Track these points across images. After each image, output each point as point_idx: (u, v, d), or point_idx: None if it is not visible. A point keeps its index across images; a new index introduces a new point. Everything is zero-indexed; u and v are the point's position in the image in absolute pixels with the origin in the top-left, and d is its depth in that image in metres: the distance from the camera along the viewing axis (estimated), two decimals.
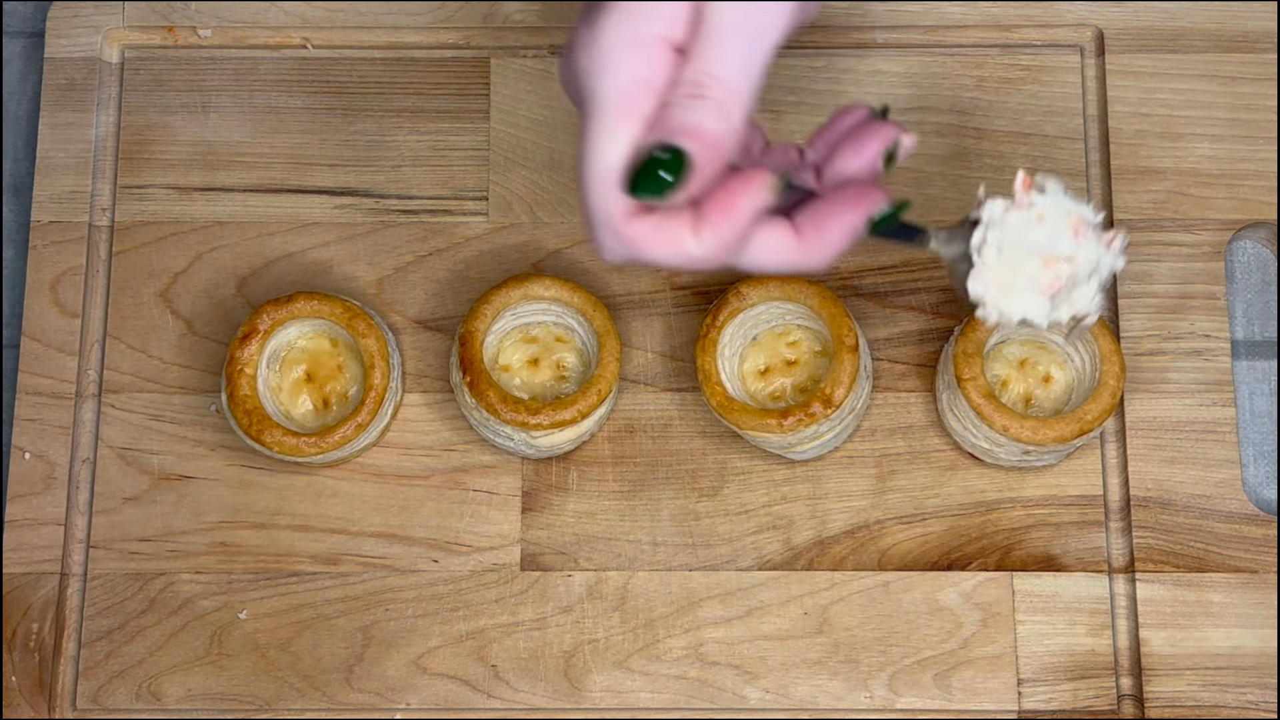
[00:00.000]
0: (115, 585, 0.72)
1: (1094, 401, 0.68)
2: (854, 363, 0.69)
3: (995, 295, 0.59)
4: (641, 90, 0.50)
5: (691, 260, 0.51)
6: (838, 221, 0.53)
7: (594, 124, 0.50)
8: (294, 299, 0.71)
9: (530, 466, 0.73)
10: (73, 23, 0.78)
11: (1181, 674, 0.70)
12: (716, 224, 0.51)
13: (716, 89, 0.51)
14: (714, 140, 0.50)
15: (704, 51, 0.51)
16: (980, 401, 0.68)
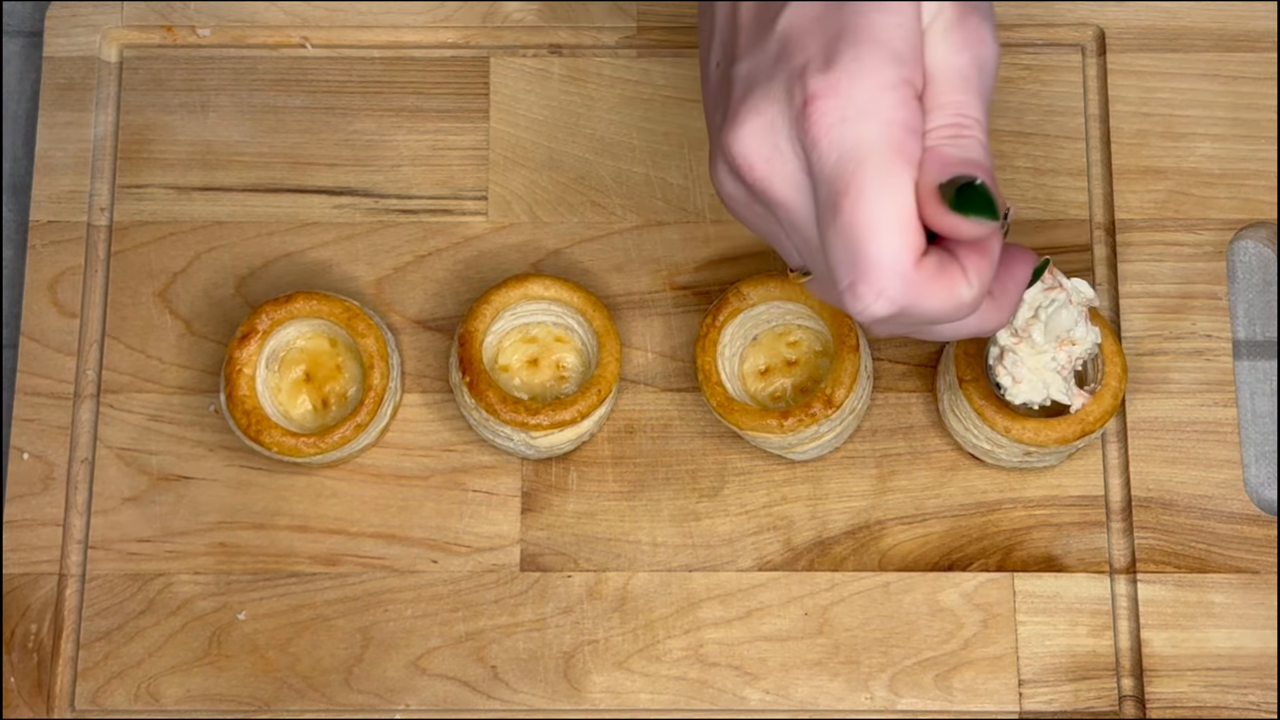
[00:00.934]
0: (114, 586, 0.72)
1: (1096, 402, 0.68)
2: (855, 363, 0.69)
3: (1027, 376, 0.64)
4: (911, 134, 0.50)
5: (961, 306, 0.51)
6: (1017, 279, 0.54)
7: (869, 170, 0.49)
8: (293, 299, 0.71)
9: (530, 467, 0.73)
10: (71, 22, 0.78)
11: (1183, 675, 0.69)
12: (980, 269, 0.51)
13: (976, 129, 0.51)
14: (993, 178, 0.50)
15: (946, 95, 0.51)
16: (982, 403, 0.68)
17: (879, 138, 0.49)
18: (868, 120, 0.49)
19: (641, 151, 0.76)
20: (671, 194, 0.75)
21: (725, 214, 0.75)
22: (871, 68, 0.49)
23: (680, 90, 0.76)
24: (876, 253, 0.49)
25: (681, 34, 0.77)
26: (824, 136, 0.49)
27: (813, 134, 0.50)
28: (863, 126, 0.49)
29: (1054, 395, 0.65)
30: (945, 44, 0.51)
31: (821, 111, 0.49)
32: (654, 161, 0.76)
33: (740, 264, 0.74)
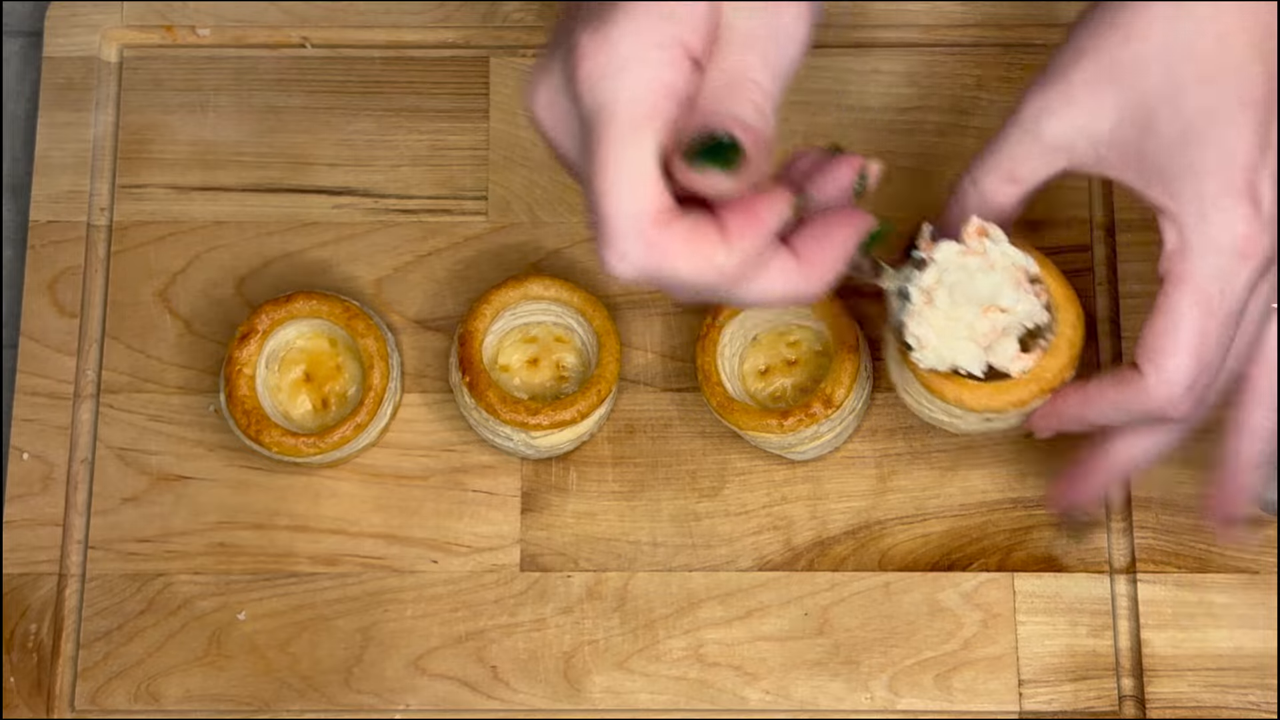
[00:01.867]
0: (114, 586, 0.72)
1: (1052, 357, 0.62)
2: (854, 363, 0.69)
3: (933, 339, 0.60)
4: (666, 94, 0.49)
5: (718, 272, 0.50)
6: (834, 243, 0.52)
7: (614, 128, 0.49)
8: (293, 299, 0.71)
9: (530, 467, 0.73)
10: (71, 22, 0.78)
11: (1183, 675, 0.69)
12: (743, 234, 0.50)
13: (752, 90, 0.50)
14: (757, 137, 0.49)
15: (731, 57, 0.50)
16: (928, 374, 0.63)
17: (630, 95, 0.49)
18: (623, 76, 0.49)
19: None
20: None
21: None
22: (641, 26, 0.49)
23: None
24: (613, 212, 0.49)
25: None
26: (585, 92, 0.49)
27: (576, 89, 0.49)
28: (617, 82, 0.49)
29: (961, 363, 0.61)
30: (742, 10, 0.51)
31: (585, 67, 0.49)
32: None
33: None
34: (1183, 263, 0.56)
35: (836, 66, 0.77)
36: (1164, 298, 0.56)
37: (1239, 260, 0.56)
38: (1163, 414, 0.58)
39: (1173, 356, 0.57)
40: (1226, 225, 0.55)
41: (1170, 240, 0.56)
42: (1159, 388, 0.57)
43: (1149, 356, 0.57)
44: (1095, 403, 0.60)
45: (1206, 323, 0.56)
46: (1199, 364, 0.57)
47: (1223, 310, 0.56)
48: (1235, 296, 0.56)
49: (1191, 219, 0.56)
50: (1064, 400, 0.62)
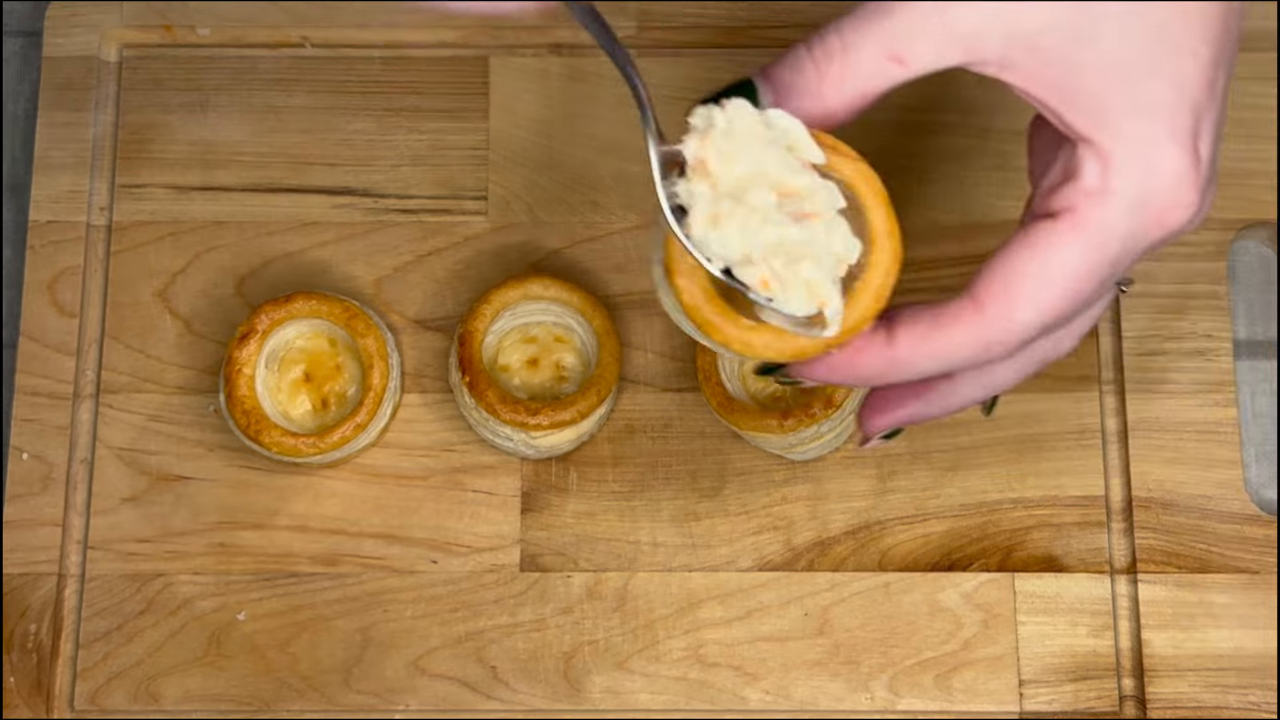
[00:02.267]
0: (113, 586, 0.72)
1: (850, 304, 0.49)
2: None
3: (703, 221, 0.48)
4: None
5: None
6: None
7: None
8: (292, 299, 0.71)
9: (530, 467, 0.73)
10: (70, 22, 0.78)
11: (1183, 675, 0.69)
12: None
13: None
14: None
15: None
16: (691, 303, 0.50)
17: None
18: None
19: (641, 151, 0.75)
20: None
21: None
22: None
23: (680, 90, 0.76)
24: None
25: (681, 34, 0.77)
26: None
27: None
28: None
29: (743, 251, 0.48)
30: None
31: None
32: None
33: None
34: (1095, 206, 0.47)
35: None
36: (1051, 235, 0.47)
37: (1156, 223, 0.48)
38: (988, 358, 0.49)
39: (1032, 305, 0.48)
40: (1161, 179, 0.47)
41: (1089, 177, 0.47)
42: (1001, 332, 0.48)
43: (1001, 295, 0.48)
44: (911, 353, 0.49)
45: (1087, 282, 0.48)
46: (1051, 317, 0.48)
47: (1110, 274, 0.49)
48: (1127, 263, 0.49)
49: (1122, 159, 0.47)
50: (866, 356, 0.50)
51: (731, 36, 0.77)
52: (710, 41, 0.77)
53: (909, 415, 0.55)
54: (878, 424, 0.56)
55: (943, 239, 0.74)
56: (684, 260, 0.50)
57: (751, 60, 0.76)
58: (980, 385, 0.53)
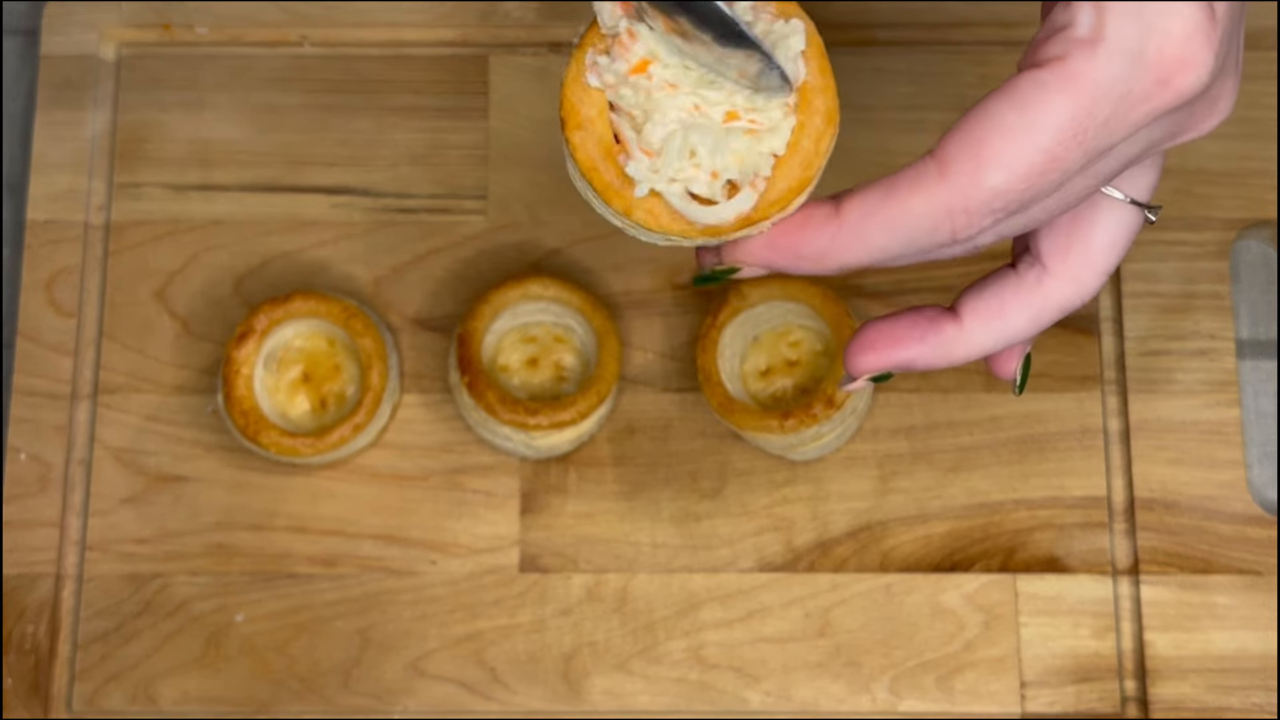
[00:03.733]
0: (111, 587, 0.71)
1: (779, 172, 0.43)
2: None
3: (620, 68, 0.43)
4: None
5: None
6: None
7: None
8: (291, 299, 0.71)
9: (529, 468, 0.72)
10: (68, 20, 0.77)
11: (1186, 676, 0.69)
12: None
13: None
14: None
15: None
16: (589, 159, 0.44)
17: None
18: None
19: None
20: None
21: None
22: None
23: None
24: None
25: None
26: None
27: None
28: None
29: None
30: None
31: None
32: None
33: None
34: (1086, 56, 0.40)
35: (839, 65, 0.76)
36: (1032, 86, 0.41)
37: (1159, 83, 0.41)
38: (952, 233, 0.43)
39: (1004, 165, 0.41)
40: (1166, 30, 0.40)
41: (1082, 24, 0.41)
42: (965, 198, 0.42)
43: (970, 153, 0.41)
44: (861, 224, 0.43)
45: (1071, 145, 0.41)
46: (1027, 184, 0.41)
47: (1096, 141, 0.41)
48: (1121, 134, 0.42)
49: (1123, 7, 0.41)
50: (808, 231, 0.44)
51: None
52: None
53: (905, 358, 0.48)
54: (867, 362, 0.48)
55: None
56: (583, 108, 0.43)
57: None
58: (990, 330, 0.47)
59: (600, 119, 0.43)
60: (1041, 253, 0.46)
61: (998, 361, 0.50)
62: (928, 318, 0.48)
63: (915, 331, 0.48)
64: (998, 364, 0.50)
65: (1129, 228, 0.47)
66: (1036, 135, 0.41)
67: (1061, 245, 0.46)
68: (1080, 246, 0.46)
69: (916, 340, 0.48)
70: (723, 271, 0.46)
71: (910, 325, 0.48)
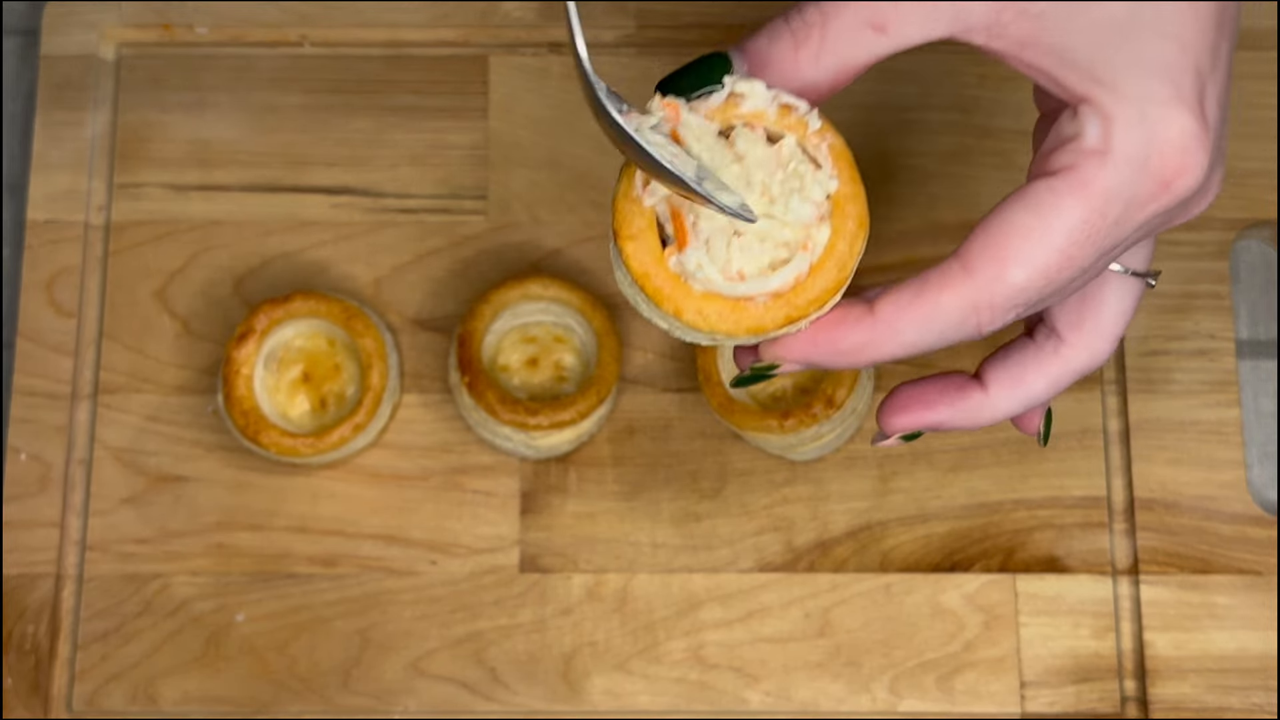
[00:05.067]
0: (111, 587, 0.71)
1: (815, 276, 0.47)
2: None
3: None
4: None
5: None
6: None
7: None
8: (291, 299, 0.71)
9: (529, 468, 0.72)
10: (68, 20, 0.77)
11: (1186, 676, 0.69)
12: None
13: None
14: None
15: None
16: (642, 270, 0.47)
17: None
18: None
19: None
20: None
21: None
22: None
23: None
24: None
25: (681, 33, 0.77)
26: None
27: None
28: None
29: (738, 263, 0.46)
30: None
31: None
32: None
33: None
34: (1096, 165, 0.44)
35: None
36: (1048, 192, 0.45)
37: (1161, 187, 0.45)
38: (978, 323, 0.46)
39: (1025, 264, 0.45)
40: (1166, 139, 0.44)
41: (1090, 136, 0.45)
42: (990, 294, 0.45)
43: (992, 254, 0.45)
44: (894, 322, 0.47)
45: (1086, 245, 0.45)
46: (1045, 281, 0.45)
47: (1107, 240, 0.45)
48: (1127, 233, 0.46)
49: (1125, 117, 0.44)
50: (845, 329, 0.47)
51: (732, 35, 0.76)
52: (711, 40, 0.76)
53: (934, 420, 0.52)
54: (899, 422, 0.53)
55: (943, 239, 0.74)
56: (634, 220, 0.47)
57: None
58: (1014, 396, 0.52)
59: (650, 230, 0.47)
60: (1057, 326, 0.51)
61: (1023, 421, 0.55)
62: (956, 385, 0.52)
63: (945, 397, 0.52)
64: (1023, 423, 0.55)
65: (1134, 296, 0.51)
66: (1053, 237, 0.45)
67: (1074, 319, 0.50)
68: (1092, 319, 0.51)
69: (946, 405, 0.52)
70: (762, 369, 0.50)
71: (940, 391, 0.52)
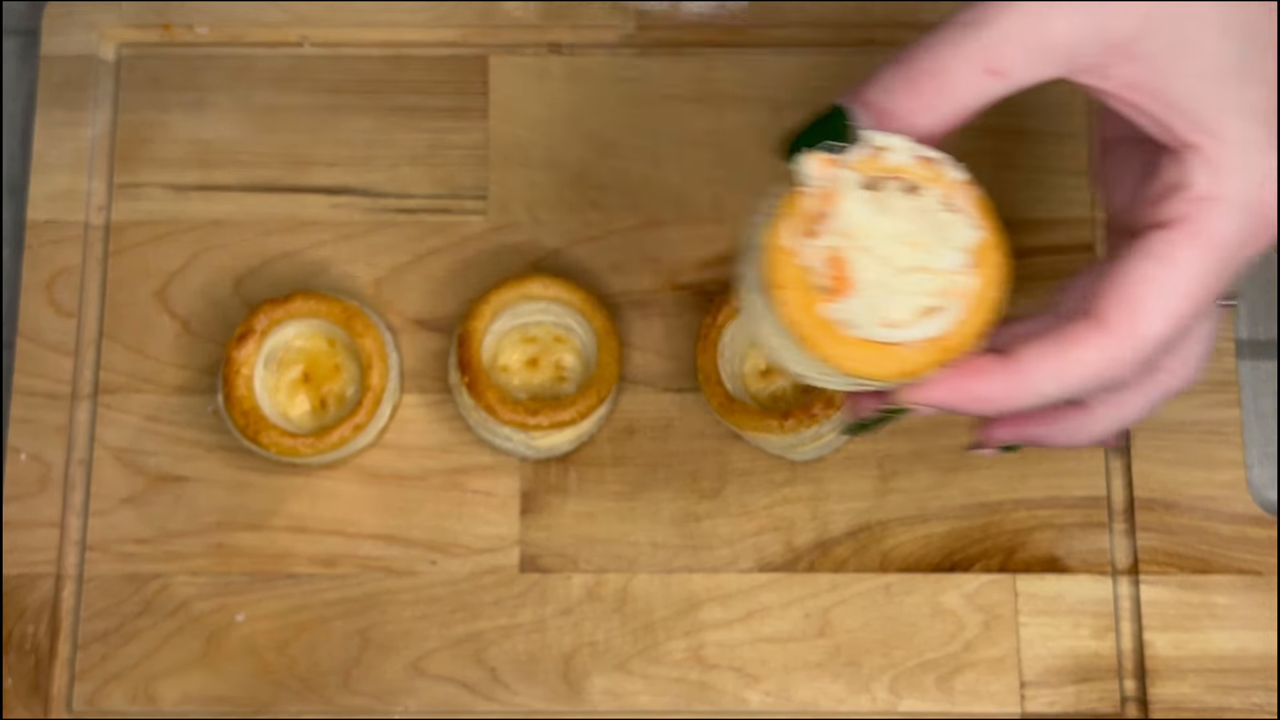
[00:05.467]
0: (111, 587, 0.71)
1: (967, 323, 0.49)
2: None
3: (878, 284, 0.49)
4: None
5: None
6: None
7: None
8: (291, 299, 0.71)
9: (529, 468, 0.72)
10: (68, 20, 0.77)
11: (1185, 676, 0.69)
12: None
13: None
14: None
15: None
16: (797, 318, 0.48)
17: None
18: None
19: (641, 151, 0.76)
20: (671, 193, 0.75)
21: (725, 214, 0.75)
22: None
23: (680, 90, 0.76)
24: None
25: (681, 33, 0.77)
26: None
27: None
28: None
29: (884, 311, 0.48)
30: None
31: None
32: (654, 161, 0.75)
33: None
34: (1209, 213, 0.47)
35: (841, 65, 0.76)
36: (1167, 244, 0.47)
37: (1265, 227, 0.47)
38: (1113, 373, 0.48)
39: (1159, 316, 0.47)
40: (1268, 182, 0.47)
41: (1200, 183, 0.47)
42: (1128, 348, 0.48)
43: (1126, 309, 0.47)
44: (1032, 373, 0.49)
45: (1208, 289, 0.48)
46: (1176, 327, 0.48)
47: (1223, 281, 0.48)
48: (1236, 267, 0.48)
49: (1231, 164, 0.46)
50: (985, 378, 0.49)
51: (732, 35, 0.77)
52: (711, 40, 0.77)
53: (1034, 435, 0.55)
54: (1000, 435, 0.55)
55: None
56: (786, 267, 0.48)
57: (753, 59, 0.76)
58: (1113, 417, 0.54)
59: (801, 277, 0.48)
60: None
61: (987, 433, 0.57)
62: None
63: (1047, 414, 0.54)
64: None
65: (1215, 320, 0.55)
66: (1180, 286, 0.47)
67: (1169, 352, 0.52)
68: (1187, 351, 0.53)
69: (1048, 422, 0.54)
70: (892, 413, 0.52)
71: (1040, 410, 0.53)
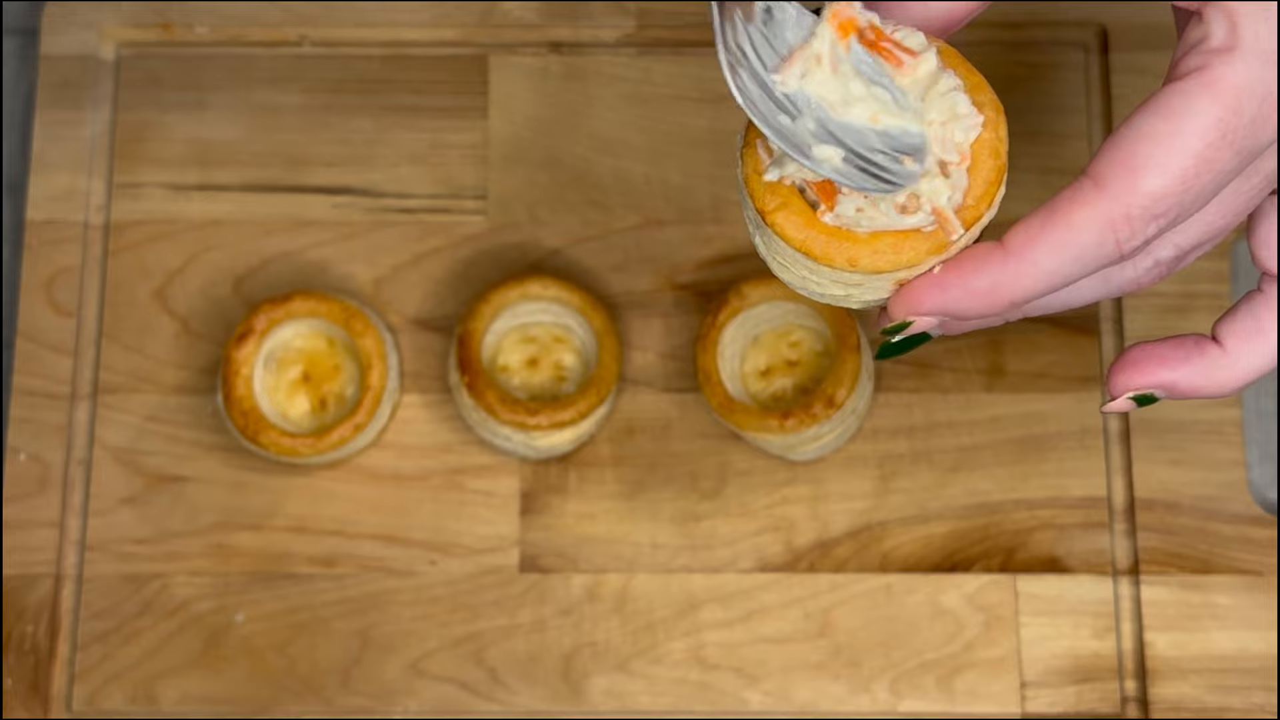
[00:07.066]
0: (110, 587, 0.71)
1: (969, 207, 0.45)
2: (856, 363, 0.68)
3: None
4: None
5: None
6: None
7: None
8: (291, 298, 0.71)
9: (529, 468, 0.72)
10: (68, 20, 0.77)
11: (1186, 677, 0.69)
12: None
13: None
14: None
15: None
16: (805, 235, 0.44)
17: None
18: None
19: (641, 151, 0.76)
20: (671, 193, 0.75)
21: (725, 214, 0.74)
22: None
23: (680, 89, 0.76)
24: None
25: (681, 32, 0.77)
26: None
27: None
28: None
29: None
30: None
31: None
32: (654, 161, 0.75)
33: (740, 263, 0.74)
34: (1225, 61, 0.43)
35: None
36: (1177, 95, 0.43)
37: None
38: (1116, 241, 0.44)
39: (1160, 170, 0.43)
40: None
41: (1217, 35, 0.43)
42: (1126, 205, 0.43)
43: (1124, 164, 0.43)
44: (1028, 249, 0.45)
45: (1223, 146, 0.43)
46: (1183, 187, 0.43)
47: (1246, 140, 0.43)
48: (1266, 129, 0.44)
49: (1250, 14, 0.43)
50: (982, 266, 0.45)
51: None
52: (711, 40, 0.76)
53: (1170, 379, 0.50)
54: (1131, 380, 0.50)
55: None
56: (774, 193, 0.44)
57: None
58: (1254, 349, 0.50)
59: (793, 197, 0.44)
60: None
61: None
62: (1192, 342, 0.50)
63: (1180, 352, 0.50)
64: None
65: None
66: (1186, 139, 0.43)
67: None
68: None
69: (1182, 361, 0.50)
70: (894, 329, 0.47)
71: (1175, 346, 0.50)
